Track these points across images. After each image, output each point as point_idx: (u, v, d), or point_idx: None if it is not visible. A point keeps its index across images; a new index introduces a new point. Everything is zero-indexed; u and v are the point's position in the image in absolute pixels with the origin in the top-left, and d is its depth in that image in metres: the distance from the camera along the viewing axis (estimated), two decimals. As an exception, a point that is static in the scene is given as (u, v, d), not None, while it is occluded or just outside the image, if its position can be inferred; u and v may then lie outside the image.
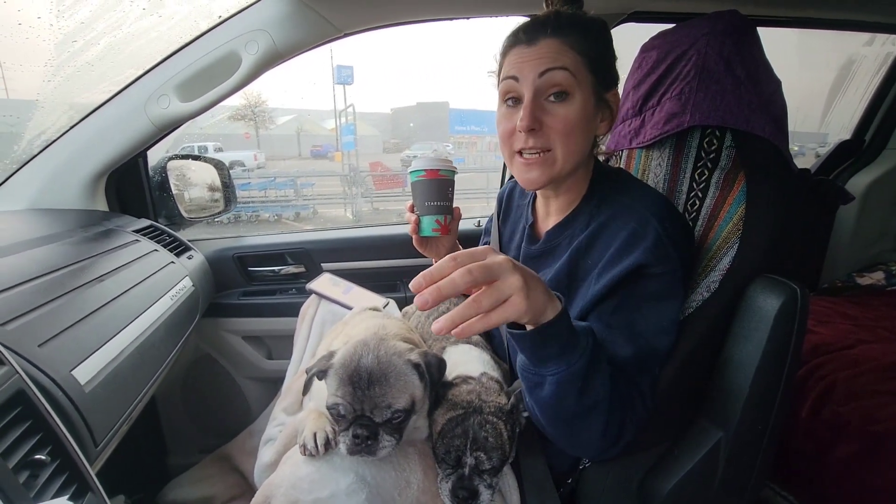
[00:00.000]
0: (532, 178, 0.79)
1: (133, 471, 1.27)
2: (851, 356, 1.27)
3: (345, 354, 0.74)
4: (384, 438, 0.70)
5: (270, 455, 0.88)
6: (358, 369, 0.71)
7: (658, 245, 0.70)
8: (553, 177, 0.78)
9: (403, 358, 0.74)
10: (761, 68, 0.84)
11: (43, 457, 0.51)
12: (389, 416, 0.70)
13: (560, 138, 0.75)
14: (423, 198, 0.97)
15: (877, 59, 1.96)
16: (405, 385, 0.72)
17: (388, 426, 0.71)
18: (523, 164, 0.79)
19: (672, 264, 0.72)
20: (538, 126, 0.75)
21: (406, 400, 0.72)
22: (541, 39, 0.75)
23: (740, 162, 0.81)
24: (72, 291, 0.78)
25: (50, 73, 1.20)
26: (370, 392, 0.70)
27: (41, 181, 1.17)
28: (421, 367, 0.74)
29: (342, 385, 0.71)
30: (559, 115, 0.75)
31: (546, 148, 0.76)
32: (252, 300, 1.50)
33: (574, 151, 0.77)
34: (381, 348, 0.74)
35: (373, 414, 0.70)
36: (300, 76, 12.70)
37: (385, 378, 0.71)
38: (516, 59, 0.77)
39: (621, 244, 0.73)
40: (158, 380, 0.95)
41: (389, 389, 0.70)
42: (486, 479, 0.74)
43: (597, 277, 0.75)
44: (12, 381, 0.52)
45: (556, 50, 0.74)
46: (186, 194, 1.49)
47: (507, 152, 0.82)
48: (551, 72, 0.74)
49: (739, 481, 0.83)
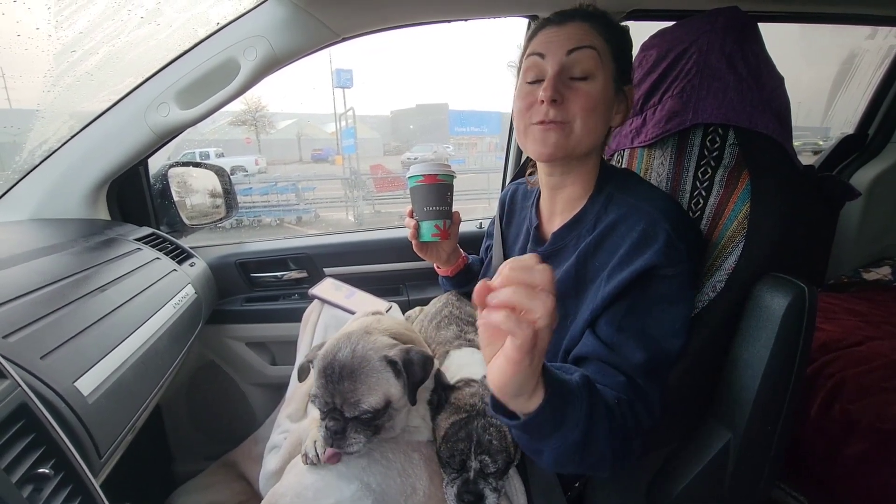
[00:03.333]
0: (548, 144, 0.77)
1: (138, 479, 1.27)
2: (860, 353, 1.26)
3: (328, 346, 0.74)
4: (351, 436, 0.69)
5: (275, 463, 0.88)
6: (332, 363, 0.71)
7: (669, 246, 0.70)
8: (568, 150, 0.78)
9: (380, 354, 0.73)
10: (763, 65, 0.83)
11: (46, 470, 0.51)
12: (358, 413, 0.69)
13: (581, 113, 0.75)
14: (422, 203, 0.96)
15: (879, 52, 1.95)
16: (377, 382, 0.71)
17: (357, 422, 0.70)
18: (541, 130, 0.77)
19: (683, 266, 0.72)
20: (560, 98, 0.75)
21: (378, 398, 0.70)
22: (570, 22, 0.77)
23: (744, 160, 0.80)
24: (74, 302, 0.77)
25: (50, 83, 1.20)
26: (340, 386, 0.70)
27: (43, 191, 1.17)
28: (398, 364, 0.73)
29: (319, 377, 0.71)
30: (581, 90, 0.75)
31: (565, 121, 0.76)
32: (255, 306, 1.50)
33: (592, 130, 0.77)
34: (360, 342, 0.73)
35: (343, 409, 0.69)
36: (300, 81, 12.74)
37: (355, 374, 0.70)
38: (544, 38, 0.78)
39: (631, 245, 0.72)
40: (163, 388, 0.95)
41: (359, 386, 0.70)
42: (492, 482, 0.73)
43: (607, 279, 0.74)
44: (15, 394, 0.52)
45: (585, 31, 0.76)
46: (188, 201, 1.49)
47: (523, 125, 0.81)
48: (579, 51, 0.75)
49: (749, 482, 0.82)
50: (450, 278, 1.17)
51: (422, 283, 1.58)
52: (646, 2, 1.27)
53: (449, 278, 1.17)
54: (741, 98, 0.80)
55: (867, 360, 1.22)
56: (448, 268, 1.15)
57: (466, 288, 1.17)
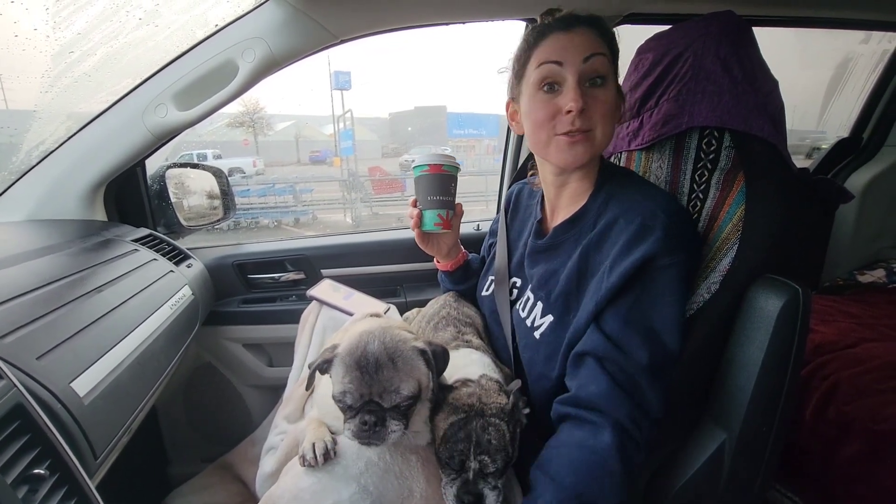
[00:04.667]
0: (577, 154, 0.80)
1: (134, 481, 1.26)
2: (854, 354, 1.26)
3: (350, 343, 0.74)
4: (392, 423, 0.69)
5: (272, 465, 0.88)
6: (365, 354, 0.71)
7: (668, 235, 0.72)
8: (592, 156, 0.82)
9: (409, 345, 0.74)
10: (758, 68, 0.84)
11: (42, 471, 0.51)
12: (398, 401, 0.70)
13: (601, 120, 0.79)
14: (426, 192, 0.97)
15: (873, 56, 1.96)
16: (412, 370, 0.72)
17: (395, 411, 0.70)
18: (568, 143, 0.80)
19: (681, 255, 0.73)
20: (586, 107, 0.77)
21: (413, 385, 0.72)
22: (577, 27, 0.79)
23: (739, 162, 0.81)
24: (70, 302, 0.77)
25: (47, 84, 1.20)
26: (378, 376, 0.70)
27: (40, 192, 1.17)
28: (427, 353, 0.75)
29: (349, 371, 0.71)
30: (600, 98, 0.78)
31: (589, 129, 0.79)
32: (252, 308, 1.50)
33: (608, 134, 0.81)
34: (386, 335, 0.74)
35: (381, 399, 0.69)
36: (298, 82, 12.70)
37: (392, 362, 0.71)
38: (556, 45, 0.79)
39: (631, 236, 0.74)
40: (159, 390, 0.95)
41: (397, 373, 0.70)
42: (491, 481, 0.73)
43: (609, 271, 0.75)
44: (10, 394, 0.51)
45: (594, 38, 0.78)
46: (185, 202, 1.49)
47: (545, 136, 0.82)
48: (594, 57, 0.77)
49: (745, 483, 0.82)
50: (449, 273, 1.17)
51: (420, 285, 1.58)
52: (642, 6, 1.27)
53: (448, 273, 1.17)
54: (736, 101, 0.81)
55: (862, 361, 1.22)
56: (448, 262, 1.15)
57: (465, 286, 1.17)
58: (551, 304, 0.84)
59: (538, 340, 0.85)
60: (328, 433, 0.76)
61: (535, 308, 0.88)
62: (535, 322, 0.86)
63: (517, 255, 1.01)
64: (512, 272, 1.01)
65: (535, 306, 0.88)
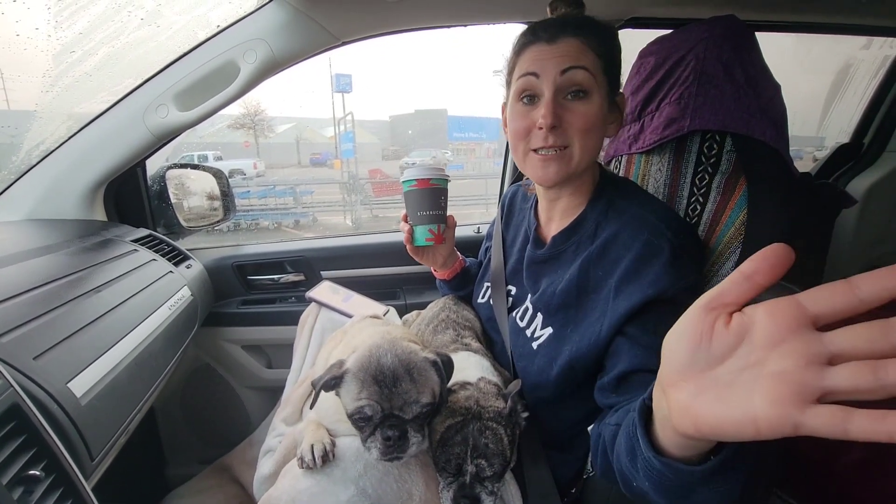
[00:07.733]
0: (549, 174, 0.78)
1: (131, 482, 1.26)
2: (856, 360, 1.26)
3: (360, 358, 0.73)
4: (413, 435, 0.69)
5: (270, 467, 0.87)
6: (381, 368, 0.70)
7: (676, 258, 0.70)
8: (569, 173, 0.78)
9: (420, 356, 0.74)
10: (760, 72, 0.84)
11: (38, 472, 0.50)
12: (419, 412, 0.70)
13: (578, 136, 0.76)
14: (416, 207, 0.96)
15: (874, 62, 1.97)
16: (427, 380, 0.72)
17: (415, 423, 0.70)
18: (540, 161, 0.78)
19: (691, 278, 0.71)
20: (559, 123, 0.75)
21: (430, 394, 0.71)
22: (561, 38, 0.75)
23: (741, 166, 0.81)
24: (68, 302, 0.77)
25: (48, 84, 1.20)
26: (397, 389, 0.69)
27: (39, 191, 1.17)
28: (438, 364, 0.75)
29: (366, 387, 0.70)
30: (578, 112, 0.75)
31: (564, 145, 0.76)
32: (251, 309, 1.49)
33: (590, 149, 0.78)
34: (397, 348, 0.74)
35: (402, 411, 0.69)
36: (299, 85, 12.75)
37: (409, 374, 0.71)
38: (536, 56, 0.77)
39: (636, 257, 0.71)
40: (157, 391, 0.94)
41: (415, 385, 0.70)
42: (488, 486, 0.72)
43: (615, 291, 0.72)
44: (7, 394, 0.51)
45: (577, 49, 0.75)
46: (185, 203, 1.49)
47: (521, 150, 0.81)
48: (573, 70, 0.74)
49: (745, 489, 0.82)
50: (447, 282, 1.17)
51: (419, 287, 1.58)
52: (644, 9, 1.27)
53: (446, 282, 1.17)
54: (738, 105, 0.81)
55: (863, 367, 1.22)
56: (445, 271, 1.15)
57: (463, 291, 1.17)
58: (551, 316, 0.83)
59: (535, 351, 0.83)
60: (327, 435, 0.75)
61: (536, 319, 0.86)
62: (534, 333, 0.85)
63: (512, 261, 0.99)
64: (507, 279, 0.99)
65: (534, 318, 0.86)
